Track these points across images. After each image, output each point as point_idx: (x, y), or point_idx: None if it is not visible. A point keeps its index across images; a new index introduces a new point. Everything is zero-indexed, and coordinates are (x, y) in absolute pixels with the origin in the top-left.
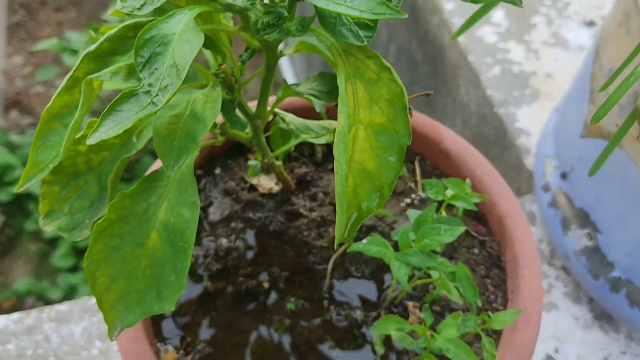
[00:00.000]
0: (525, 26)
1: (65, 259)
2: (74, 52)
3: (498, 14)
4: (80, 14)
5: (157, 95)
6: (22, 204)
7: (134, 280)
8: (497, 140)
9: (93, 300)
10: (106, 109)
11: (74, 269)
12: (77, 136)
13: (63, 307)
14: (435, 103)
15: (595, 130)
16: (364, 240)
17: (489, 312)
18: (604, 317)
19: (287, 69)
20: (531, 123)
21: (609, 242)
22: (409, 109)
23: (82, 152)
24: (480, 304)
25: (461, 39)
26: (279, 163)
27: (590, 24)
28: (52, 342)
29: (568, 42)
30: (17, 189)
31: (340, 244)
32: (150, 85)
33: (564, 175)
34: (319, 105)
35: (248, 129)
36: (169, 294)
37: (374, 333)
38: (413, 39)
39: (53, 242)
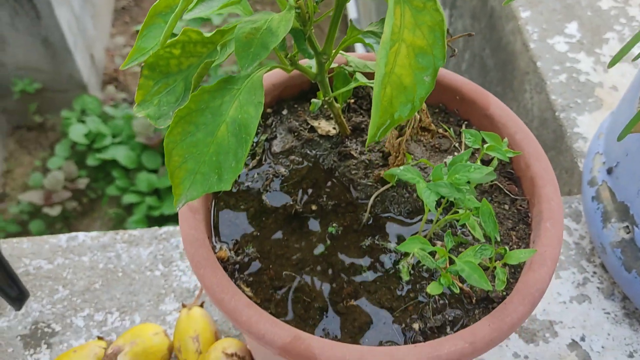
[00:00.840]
0: (598, 40)
1: (138, 225)
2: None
3: (572, 26)
4: None
5: None
6: (106, 169)
7: (201, 164)
8: (554, 144)
9: (162, 230)
10: None
11: None
12: (172, 41)
13: (135, 232)
14: None
15: None
16: (401, 167)
17: (506, 247)
18: (635, 316)
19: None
20: (590, 129)
21: None
22: (454, 50)
23: (175, 55)
24: (499, 239)
25: (532, 44)
26: (338, 105)
27: None
28: (122, 260)
29: (638, 60)
30: (122, 67)
31: (382, 184)
32: None
33: (609, 171)
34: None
35: (314, 66)
36: (228, 177)
37: (402, 262)
38: (487, 46)
39: (129, 208)
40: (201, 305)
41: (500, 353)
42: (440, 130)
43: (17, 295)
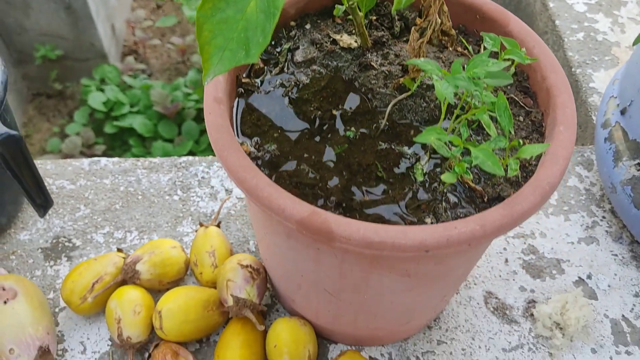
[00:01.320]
0: (616, 3)
1: None
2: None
3: None
4: None
5: None
6: (123, 137)
7: (230, 40)
8: None
9: (181, 159)
10: None
11: None
12: None
13: (156, 160)
14: None
15: None
16: (422, 59)
17: (520, 140)
18: None
19: None
20: (605, 84)
21: None
22: None
23: None
24: (513, 132)
25: (552, 4)
26: (360, 14)
27: None
28: (142, 184)
29: None
30: None
31: (401, 91)
32: None
33: (623, 111)
34: None
35: None
36: (255, 52)
37: (417, 164)
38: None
39: None
40: (218, 225)
41: (507, 287)
42: (459, 49)
43: (43, 202)
